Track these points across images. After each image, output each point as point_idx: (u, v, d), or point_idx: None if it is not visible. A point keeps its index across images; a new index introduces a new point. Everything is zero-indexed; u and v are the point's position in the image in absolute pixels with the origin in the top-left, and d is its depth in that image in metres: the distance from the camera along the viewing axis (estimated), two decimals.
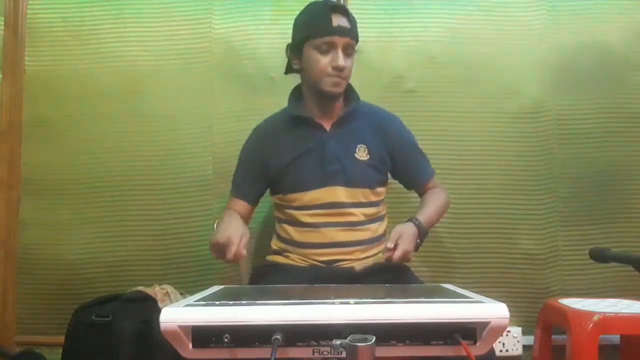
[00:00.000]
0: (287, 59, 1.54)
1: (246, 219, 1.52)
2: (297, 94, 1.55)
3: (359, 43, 1.48)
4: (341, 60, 1.40)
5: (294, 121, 1.51)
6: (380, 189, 1.53)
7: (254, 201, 1.57)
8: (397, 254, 1.28)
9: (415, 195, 1.62)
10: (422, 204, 1.54)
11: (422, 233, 1.39)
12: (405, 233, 1.33)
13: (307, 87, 1.51)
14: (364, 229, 1.48)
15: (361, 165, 1.48)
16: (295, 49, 1.48)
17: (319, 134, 1.49)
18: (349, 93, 1.53)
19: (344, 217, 1.46)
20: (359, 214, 1.47)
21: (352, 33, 1.43)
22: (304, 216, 1.46)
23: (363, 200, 1.48)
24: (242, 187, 1.57)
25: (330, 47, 1.41)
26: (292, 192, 1.48)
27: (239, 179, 1.58)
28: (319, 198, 1.46)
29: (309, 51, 1.44)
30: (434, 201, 1.54)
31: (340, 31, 1.41)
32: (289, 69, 1.55)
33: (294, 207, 1.48)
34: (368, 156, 1.49)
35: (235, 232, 1.24)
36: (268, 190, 1.59)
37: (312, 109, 1.51)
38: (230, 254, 1.20)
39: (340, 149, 1.47)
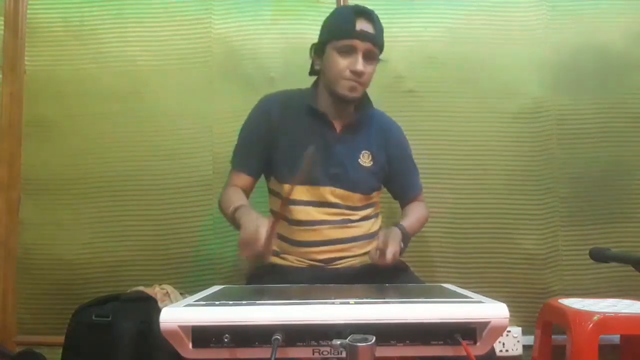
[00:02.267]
0: (310, 60, 1.52)
1: (248, 194, 1.50)
2: (316, 87, 1.54)
3: (383, 52, 1.46)
4: (360, 65, 1.39)
5: (309, 110, 1.49)
6: (374, 195, 1.54)
7: (257, 174, 1.53)
8: (388, 257, 1.28)
9: None
10: (405, 214, 1.57)
11: (406, 238, 1.39)
12: (392, 236, 1.33)
13: (324, 87, 1.50)
14: (358, 226, 1.48)
15: (363, 171, 1.49)
16: (319, 50, 1.47)
17: (328, 133, 1.48)
18: (363, 99, 1.52)
19: (337, 217, 1.46)
20: (351, 215, 1.48)
21: (375, 39, 1.41)
22: (299, 213, 1.45)
23: (358, 204, 1.49)
24: (247, 158, 1.52)
25: (351, 51, 1.40)
26: (287, 182, 1.46)
27: (243, 149, 1.53)
28: (313, 195, 1.45)
29: (330, 52, 1.43)
30: (416, 212, 1.57)
31: (362, 36, 1.39)
32: (312, 71, 1.53)
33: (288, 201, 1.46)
34: (371, 162, 1.50)
35: (262, 223, 1.17)
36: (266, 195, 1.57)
37: (326, 108, 1.50)
38: (259, 247, 1.13)
39: (345, 153, 1.48)
